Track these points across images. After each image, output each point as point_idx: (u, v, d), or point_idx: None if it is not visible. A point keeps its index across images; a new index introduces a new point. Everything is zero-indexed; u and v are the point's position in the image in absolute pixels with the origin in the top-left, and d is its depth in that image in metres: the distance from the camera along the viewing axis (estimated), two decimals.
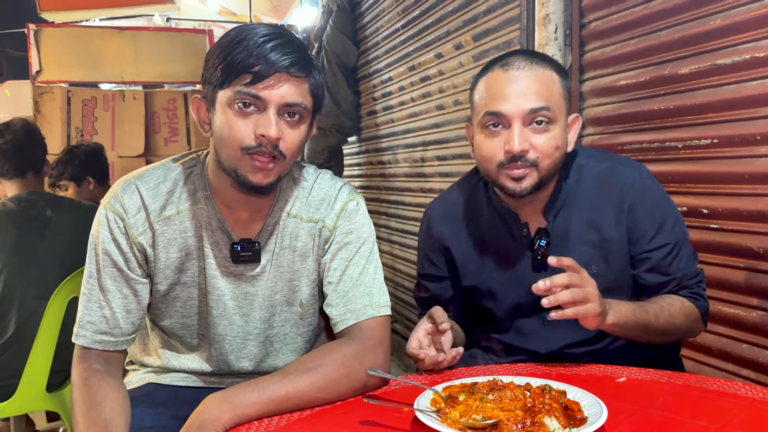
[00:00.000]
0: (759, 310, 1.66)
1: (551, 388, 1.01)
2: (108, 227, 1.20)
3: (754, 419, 0.99)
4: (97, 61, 4.60)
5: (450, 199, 1.53)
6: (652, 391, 1.13)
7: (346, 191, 1.30)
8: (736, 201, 1.69)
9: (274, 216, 1.26)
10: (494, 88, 1.31)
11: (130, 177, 1.24)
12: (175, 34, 5.14)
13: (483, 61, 2.85)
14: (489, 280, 1.45)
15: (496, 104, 1.29)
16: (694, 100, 1.78)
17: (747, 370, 1.70)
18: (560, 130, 1.31)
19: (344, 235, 1.27)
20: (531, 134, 1.28)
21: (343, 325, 1.22)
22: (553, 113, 1.29)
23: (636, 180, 1.38)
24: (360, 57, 4.54)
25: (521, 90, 1.28)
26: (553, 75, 1.32)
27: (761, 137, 1.60)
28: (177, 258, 1.23)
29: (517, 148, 1.27)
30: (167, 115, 4.44)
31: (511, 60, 1.32)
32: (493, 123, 1.30)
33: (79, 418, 1.13)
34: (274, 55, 1.10)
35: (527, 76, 1.29)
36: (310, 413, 1.07)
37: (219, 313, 1.27)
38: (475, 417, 0.94)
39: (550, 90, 1.30)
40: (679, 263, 1.38)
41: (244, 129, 1.11)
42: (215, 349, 1.30)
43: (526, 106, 1.27)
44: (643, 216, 1.37)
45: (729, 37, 1.67)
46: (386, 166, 4.25)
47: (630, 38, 2.00)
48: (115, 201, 1.21)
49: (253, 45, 1.10)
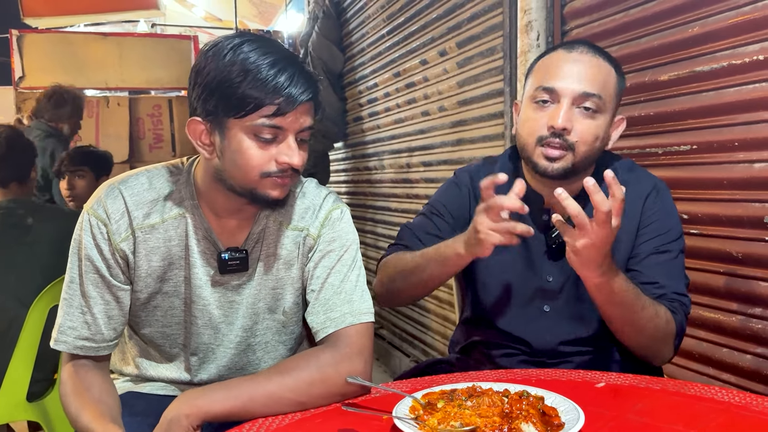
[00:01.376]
0: (739, 314, 1.68)
1: (529, 394, 1.01)
2: (91, 232, 1.19)
3: (730, 424, 1.00)
4: (81, 67, 4.58)
5: (482, 170, 1.52)
6: (630, 396, 1.13)
7: (330, 200, 1.31)
8: (716, 206, 1.71)
9: (260, 223, 1.26)
10: (553, 65, 1.35)
11: (115, 182, 1.23)
12: (160, 40, 5.14)
13: (467, 68, 2.88)
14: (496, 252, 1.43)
15: (552, 80, 1.33)
16: (673, 107, 1.80)
17: (727, 374, 1.72)
18: (605, 123, 1.35)
19: (327, 243, 1.27)
20: (577, 116, 1.32)
21: (323, 333, 1.21)
22: (602, 103, 1.32)
23: (654, 190, 1.42)
24: (346, 63, 4.55)
25: (578, 72, 1.32)
26: (611, 70, 1.36)
27: (739, 143, 1.62)
28: (159, 267, 1.22)
29: (560, 124, 1.29)
30: (152, 122, 4.43)
31: (576, 45, 1.37)
32: (543, 99, 1.34)
33: (72, 404, 1.15)
34: (294, 90, 1.10)
35: (588, 61, 1.34)
36: (289, 422, 1.06)
37: (204, 323, 1.27)
38: (453, 424, 0.94)
39: (605, 81, 1.34)
40: (666, 273, 1.36)
41: (265, 157, 1.13)
42: (197, 359, 1.30)
43: (579, 88, 1.31)
44: (653, 221, 1.39)
45: (707, 45, 1.69)
46: (372, 172, 4.26)
47: (611, 45, 2.01)
48: (98, 206, 1.20)
49: (269, 78, 1.09)
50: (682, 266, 1.40)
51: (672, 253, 1.38)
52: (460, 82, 2.96)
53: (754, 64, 1.57)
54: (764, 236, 1.58)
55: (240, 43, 1.11)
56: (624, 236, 1.39)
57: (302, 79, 1.12)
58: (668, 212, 1.41)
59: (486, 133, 2.78)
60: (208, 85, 1.11)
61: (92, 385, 1.18)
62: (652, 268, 1.37)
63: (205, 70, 1.12)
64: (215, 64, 1.11)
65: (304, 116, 1.14)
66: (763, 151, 1.57)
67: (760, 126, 1.57)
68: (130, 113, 4.39)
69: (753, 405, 1.07)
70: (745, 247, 1.64)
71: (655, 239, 1.38)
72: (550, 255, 1.41)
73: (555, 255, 1.40)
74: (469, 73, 2.87)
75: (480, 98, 2.80)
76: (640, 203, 1.40)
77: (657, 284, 1.35)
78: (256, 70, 1.09)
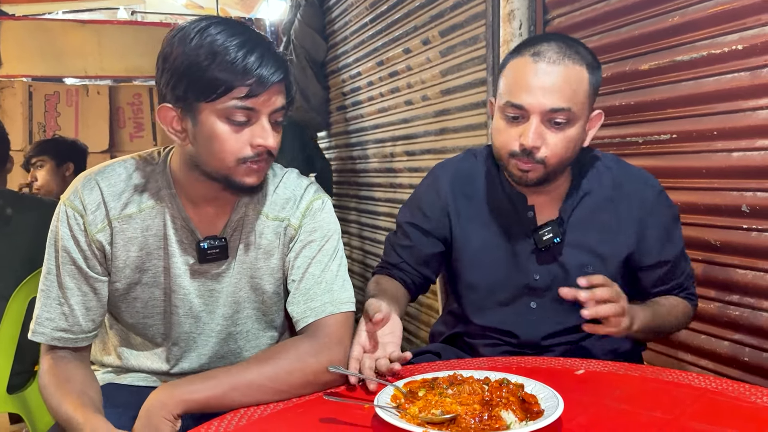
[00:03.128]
0: (716, 301, 1.70)
1: (509, 382, 1.02)
2: (67, 224, 1.18)
3: (706, 409, 1.02)
4: (60, 55, 4.51)
5: (462, 165, 1.53)
6: (609, 383, 1.15)
7: (311, 190, 1.30)
8: (694, 195, 1.73)
9: (238, 212, 1.25)
10: (520, 77, 1.31)
11: (91, 173, 1.22)
12: (140, 27, 5.07)
13: (450, 57, 2.88)
14: (482, 253, 1.46)
15: (519, 96, 1.29)
16: (653, 96, 1.81)
17: (705, 360, 1.74)
18: (578, 130, 1.33)
19: (308, 233, 1.27)
20: (547, 131, 1.30)
21: (303, 322, 1.21)
22: (573, 114, 1.30)
23: (649, 192, 1.44)
24: (329, 51, 4.52)
25: (546, 87, 1.28)
26: (582, 72, 1.31)
27: (718, 132, 1.64)
28: (137, 257, 1.22)
29: (530, 144, 1.29)
30: (132, 110, 4.38)
31: (543, 50, 1.30)
32: (513, 115, 1.32)
33: (53, 395, 1.14)
34: (265, 70, 1.09)
35: (555, 72, 1.28)
36: (271, 411, 1.06)
37: (185, 312, 1.26)
38: (434, 412, 0.95)
39: (576, 89, 1.29)
40: (680, 270, 1.47)
41: (239, 141, 1.12)
42: (178, 348, 1.29)
43: (548, 104, 1.28)
44: (653, 230, 1.43)
45: (687, 35, 1.70)
46: (356, 161, 4.25)
47: (592, 35, 2.02)
48: (75, 197, 1.19)
49: (238, 60, 1.07)
50: (685, 254, 1.51)
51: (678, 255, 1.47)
52: (443, 71, 2.95)
53: (733, 54, 1.58)
54: (742, 224, 1.61)
55: (206, 26, 1.10)
56: (618, 233, 1.42)
57: (272, 59, 1.10)
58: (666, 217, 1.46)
59: (469, 123, 2.78)
60: (176, 70, 1.09)
61: (72, 376, 1.17)
62: (667, 278, 1.46)
63: (172, 55, 1.10)
64: (182, 49, 1.09)
65: (277, 97, 1.13)
66: (741, 140, 1.59)
67: (738, 115, 1.59)
68: (110, 102, 4.33)
69: (728, 390, 1.09)
70: (722, 235, 1.66)
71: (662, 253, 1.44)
72: (538, 255, 1.42)
73: (542, 255, 1.42)
74: (452, 62, 2.87)
75: (463, 87, 2.80)
76: (635, 203, 1.43)
77: (674, 285, 1.47)
78: (224, 52, 1.07)
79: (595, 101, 1.38)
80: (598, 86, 1.36)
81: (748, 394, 1.07)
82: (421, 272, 1.52)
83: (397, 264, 1.52)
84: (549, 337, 1.44)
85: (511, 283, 1.44)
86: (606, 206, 1.42)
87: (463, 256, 1.48)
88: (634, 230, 1.41)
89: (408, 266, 1.51)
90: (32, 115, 4.22)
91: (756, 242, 1.58)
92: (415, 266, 1.51)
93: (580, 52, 1.32)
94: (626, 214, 1.42)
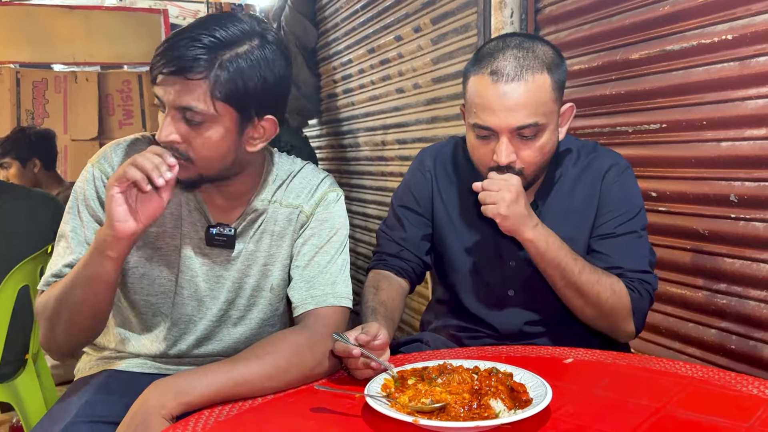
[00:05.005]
0: (704, 290, 1.72)
1: (498, 371, 1.03)
2: (93, 184, 1.22)
3: (693, 397, 1.03)
4: (48, 41, 4.46)
5: (445, 150, 1.56)
6: (597, 371, 1.16)
7: (328, 182, 1.34)
8: (683, 184, 1.74)
9: (255, 203, 1.27)
10: (482, 98, 1.29)
11: (120, 141, 1.27)
12: (129, 13, 5.01)
13: (441, 45, 2.87)
14: (461, 236, 1.47)
15: (484, 118, 1.29)
16: (644, 86, 1.81)
17: (692, 348, 1.76)
18: (549, 135, 1.32)
19: (320, 222, 1.29)
20: (519, 145, 1.30)
21: (303, 309, 1.23)
22: (540, 126, 1.29)
23: (613, 167, 1.43)
24: (320, 38, 4.49)
25: (509, 107, 1.27)
26: (543, 78, 1.28)
27: (707, 122, 1.65)
28: (153, 233, 1.24)
29: (503, 161, 1.29)
30: (121, 97, 4.34)
31: (500, 67, 1.27)
32: (483, 135, 1.32)
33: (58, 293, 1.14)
34: (163, 56, 1.07)
35: (515, 90, 1.26)
36: (262, 402, 1.07)
37: (189, 294, 1.28)
38: (423, 401, 0.96)
39: (540, 100, 1.28)
40: (626, 254, 1.38)
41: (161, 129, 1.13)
42: (177, 329, 1.30)
43: (513, 123, 1.27)
44: (611, 200, 1.41)
45: (677, 24, 1.70)
46: (347, 149, 4.24)
47: (583, 23, 2.02)
48: (104, 160, 1.23)
49: (158, 46, 1.09)
50: (643, 244, 1.41)
51: (632, 234, 1.39)
52: (435, 59, 2.94)
53: (723, 44, 1.58)
54: (730, 214, 1.62)
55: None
56: (583, 212, 1.42)
57: (178, 50, 1.07)
58: (627, 191, 1.42)
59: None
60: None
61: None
62: (613, 249, 1.38)
63: None
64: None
65: (179, 93, 1.08)
66: (730, 129, 1.59)
67: (727, 105, 1.60)
68: (99, 89, 4.29)
69: (715, 379, 1.10)
70: (711, 225, 1.67)
71: (613, 220, 1.40)
72: (513, 240, 1.41)
73: (517, 242, 1.41)
74: (444, 50, 2.86)
75: (454, 75, 2.79)
76: (598, 180, 1.42)
77: (615, 267, 1.37)
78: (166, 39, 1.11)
79: (563, 95, 1.36)
80: (563, 81, 1.34)
81: (734, 382, 1.08)
82: (421, 258, 1.51)
83: (396, 253, 1.50)
84: (529, 324, 1.45)
85: (490, 269, 1.46)
86: (574, 188, 1.43)
87: (444, 239, 1.50)
88: (596, 203, 1.42)
89: (409, 253, 1.50)
90: (20, 102, 4.18)
91: (744, 231, 1.59)
92: (415, 252, 1.50)
93: (539, 54, 1.29)
94: (591, 190, 1.42)
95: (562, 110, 1.37)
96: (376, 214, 3.82)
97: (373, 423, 0.95)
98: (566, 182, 1.44)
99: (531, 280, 1.42)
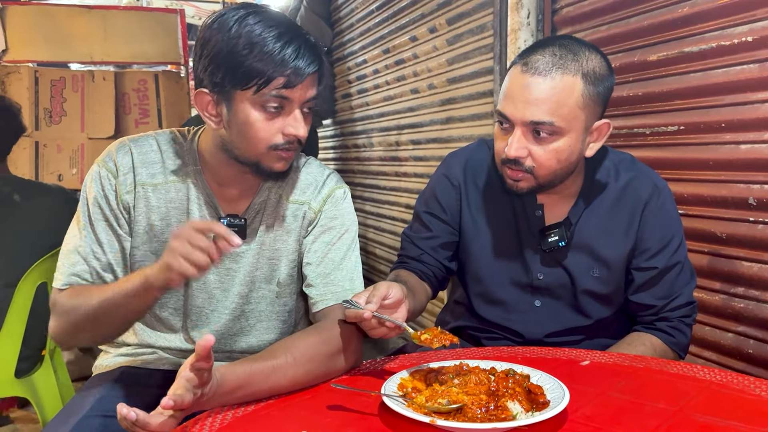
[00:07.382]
0: (721, 293, 1.71)
1: (515, 372, 1.03)
2: (100, 183, 1.24)
3: (710, 401, 1.02)
4: (66, 41, 4.48)
5: (475, 155, 1.51)
6: (614, 374, 1.15)
7: (334, 178, 1.35)
8: (701, 187, 1.73)
9: (261, 195, 1.29)
10: (509, 86, 1.29)
11: (126, 139, 1.29)
12: (145, 13, 5.03)
13: (457, 45, 2.86)
14: (488, 247, 1.46)
15: (504, 106, 1.29)
16: (662, 87, 1.81)
17: (709, 351, 1.75)
18: (568, 141, 1.28)
19: (329, 219, 1.31)
20: (532, 142, 1.28)
21: (323, 304, 1.24)
22: (557, 127, 1.25)
23: (653, 196, 1.39)
24: (334, 39, 4.50)
25: (528, 99, 1.25)
26: (574, 82, 1.25)
27: (726, 124, 1.64)
28: (158, 226, 1.26)
29: (512, 155, 1.28)
30: (138, 96, 4.37)
31: (533, 59, 1.26)
32: (502, 123, 1.32)
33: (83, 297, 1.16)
34: (302, 62, 1.13)
35: (540, 84, 1.24)
36: (278, 399, 1.07)
37: (199, 287, 1.30)
38: (440, 401, 0.96)
39: (562, 102, 1.24)
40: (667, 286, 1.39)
41: (272, 129, 1.16)
42: (190, 321, 1.31)
43: (528, 117, 1.25)
44: (650, 233, 1.38)
45: (696, 25, 1.69)
46: (361, 149, 4.25)
47: (600, 24, 2.01)
48: (109, 159, 1.25)
49: (275, 51, 1.11)
50: (687, 271, 1.41)
51: (677, 266, 1.39)
52: (450, 60, 2.94)
53: (742, 46, 1.57)
54: (748, 217, 1.60)
55: (245, 15, 1.13)
56: (620, 238, 1.39)
57: (308, 50, 1.14)
58: (670, 221, 1.40)
59: (475, 112, 2.78)
60: (215, 58, 1.13)
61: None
62: (658, 286, 1.39)
63: (211, 42, 1.13)
64: (221, 37, 1.12)
65: (310, 87, 1.17)
66: (749, 132, 1.58)
67: (746, 107, 1.59)
68: (116, 88, 4.31)
69: (733, 383, 1.09)
70: (729, 228, 1.66)
71: (659, 254, 1.38)
72: (542, 254, 1.41)
73: (547, 256, 1.41)
74: (459, 51, 2.86)
75: (470, 76, 2.79)
76: (639, 208, 1.39)
77: (654, 307, 1.39)
78: (263, 43, 1.11)
79: (601, 110, 1.31)
80: (602, 95, 1.29)
81: (752, 387, 1.07)
82: (442, 263, 1.50)
83: (417, 257, 1.49)
84: (551, 335, 1.44)
85: (516, 280, 1.44)
86: (613, 209, 1.40)
87: (470, 247, 1.48)
88: (635, 231, 1.39)
89: (430, 257, 1.49)
90: (38, 101, 4.21)
91: (762, 235, 1.58)
92: (437, 256, 1.49)
93: (579, 59, 1.26)
94: (631, 217, 1.39)
95: (596, 125, 1.31)
96: (390, 215, 3.82)
97: (390, 422, 0.95)
98: (606, 200, 1.40)
99: (560, 292, 1.42)
